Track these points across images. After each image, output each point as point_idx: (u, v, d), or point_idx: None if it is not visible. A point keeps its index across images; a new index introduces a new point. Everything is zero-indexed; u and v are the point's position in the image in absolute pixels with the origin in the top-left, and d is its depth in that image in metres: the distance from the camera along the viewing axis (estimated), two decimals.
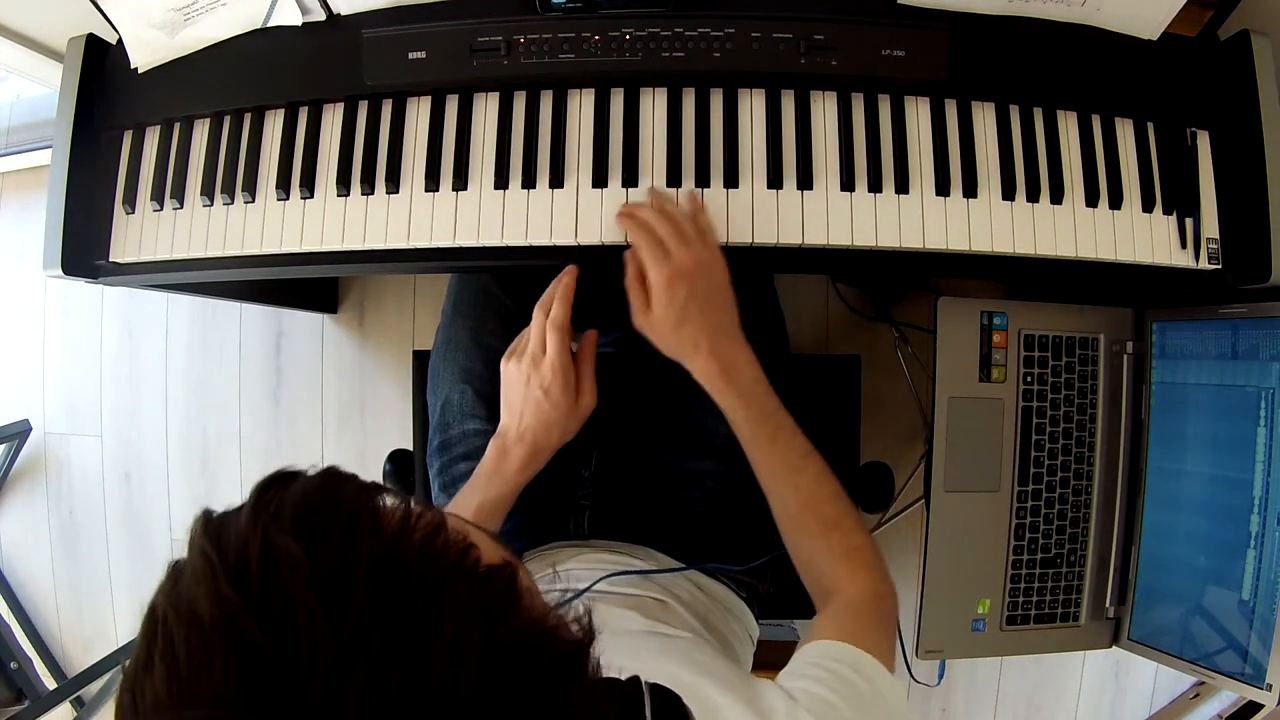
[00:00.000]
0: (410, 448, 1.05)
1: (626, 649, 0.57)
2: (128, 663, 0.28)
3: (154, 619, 0.28)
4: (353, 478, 0.32)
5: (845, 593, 0.64)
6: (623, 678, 0.42)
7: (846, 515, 0.67)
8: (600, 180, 0.72)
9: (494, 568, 0.31)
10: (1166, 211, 0.75)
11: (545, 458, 0.73)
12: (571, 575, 0.72)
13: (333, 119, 0.76)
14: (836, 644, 0.56)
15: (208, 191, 0.77)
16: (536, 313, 0.71)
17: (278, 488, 0.30)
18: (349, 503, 0.30)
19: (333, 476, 0.32)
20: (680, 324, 0.65)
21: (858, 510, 0.69)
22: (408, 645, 0.27)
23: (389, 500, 0.32)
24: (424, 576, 0.29)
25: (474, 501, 0.71)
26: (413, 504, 0.32)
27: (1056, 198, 0.73)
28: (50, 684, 1.66)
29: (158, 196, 0.78)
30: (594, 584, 0.67)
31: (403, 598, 0.28)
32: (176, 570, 0.29)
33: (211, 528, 0.29)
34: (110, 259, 0.79)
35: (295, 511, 0.29)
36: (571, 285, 0.71)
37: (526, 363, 0.71)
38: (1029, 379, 0.92)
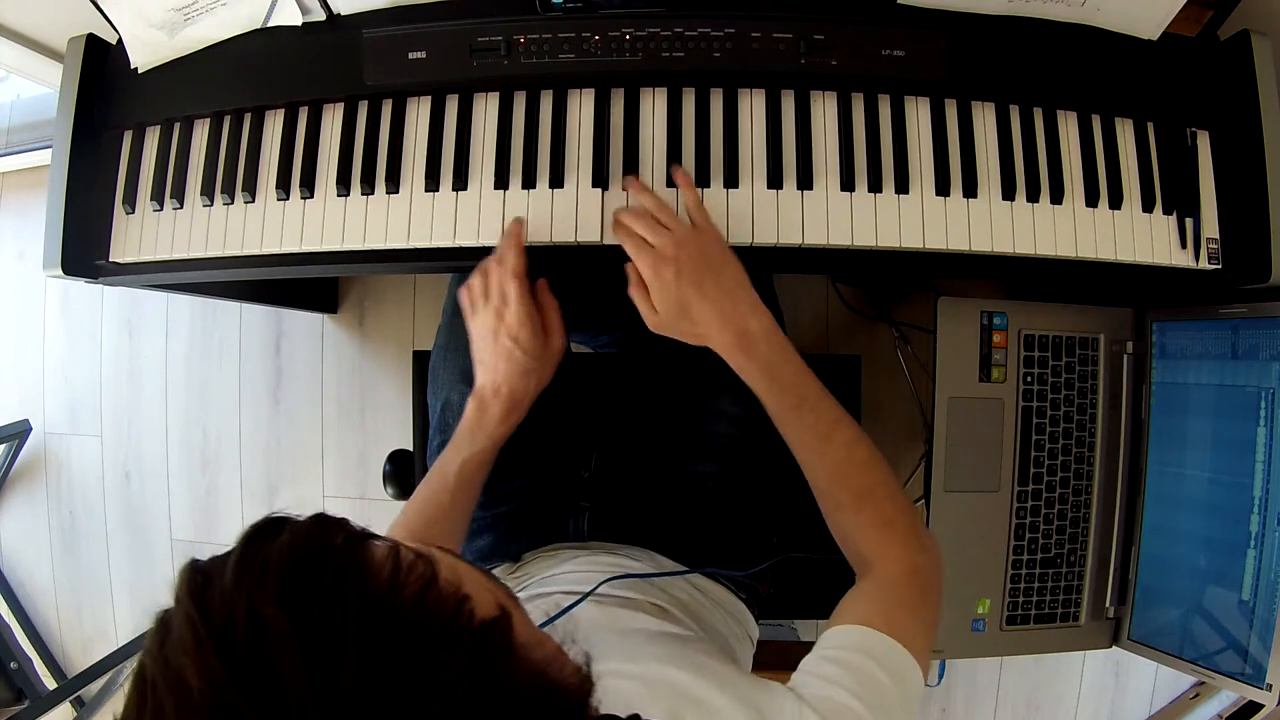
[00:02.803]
0: (410, 448, 1.05)
1: (629, 652, 0.56)
2: None
3: (143, 683, 0.28)
4: (341, 525, 0.31)
5: (878, 568, 0.61)
6: (624, 714, 0.41)
7: (880, 485, 0.64)
8: (600, 180, 0.72)
9: (488, 623, 0.30)
10: (1166, 211, 0.75)
11: (524, 408, 0.73)
12: (571, 579, 0.72)
13: (333, 119, 0.76)
14: (859, 630, 0.54)
15: (208, 191, 0.77)
16: (490, 265, 0.70)
17: (263, 540, 0.29)
18: (336, 559, 0.29)
19: (319, 526, 0.30)
20: (683, 310, 0.64)
21: (894, 478, 0.65)
22: (399, 717, 0.26)
23: (379, 549, 0.31)
24: (415, 641, 0.28)
25: (459, 459, 0.72)
26: (402, 552, 0.31)
27: (1056, 198, 0.73)
28: (50, 684, 1.66)
29: (158, 196, 0.78)
30: (594, 589, 0.67)
31: (393, 665, 0.27)
32: (163, 625, 0.28)
33: (196, 588, 0.28)
34: (110, 259, 0.79)
35: (281, 572, 0.28)
36: (519, 233, 0.69)
37: (491, 315, 0.70)
38: (1029, 379, 0.92)
